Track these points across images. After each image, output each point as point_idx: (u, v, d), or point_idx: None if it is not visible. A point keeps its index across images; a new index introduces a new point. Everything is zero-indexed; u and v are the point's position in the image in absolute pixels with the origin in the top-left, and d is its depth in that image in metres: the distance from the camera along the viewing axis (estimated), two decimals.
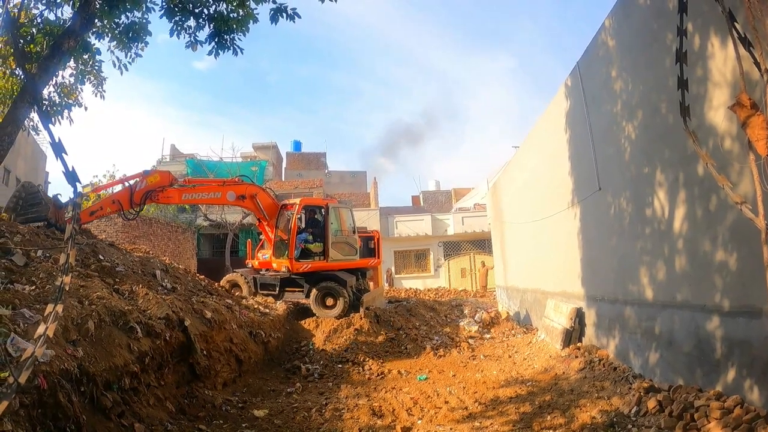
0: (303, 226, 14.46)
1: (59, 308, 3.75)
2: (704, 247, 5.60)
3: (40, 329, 3.59)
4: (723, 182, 3.82)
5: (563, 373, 8.44)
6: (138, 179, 12.50)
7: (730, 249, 5.16)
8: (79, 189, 4.18)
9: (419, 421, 6.96)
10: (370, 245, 17.28)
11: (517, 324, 14.38)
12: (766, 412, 4.42)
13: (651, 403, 5.58)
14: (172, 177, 13.10)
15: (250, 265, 15.89)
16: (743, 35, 3.70)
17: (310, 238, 14.58)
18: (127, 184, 12.56)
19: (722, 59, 5.13)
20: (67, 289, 3.83)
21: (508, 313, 15.83)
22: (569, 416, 6.23)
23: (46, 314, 3.68)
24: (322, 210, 14.98)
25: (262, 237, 15.73)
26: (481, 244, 29.87)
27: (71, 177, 3.99)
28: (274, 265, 14.64)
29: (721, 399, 4.98)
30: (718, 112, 5.25)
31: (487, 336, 13.15)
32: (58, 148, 3.87)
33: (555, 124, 10.88)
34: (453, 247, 31.41)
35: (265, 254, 15.10)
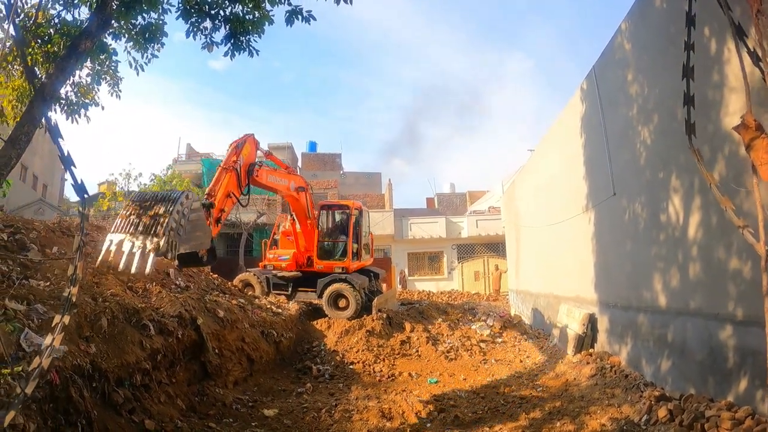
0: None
1: (66, 319, 3.74)
2: (719, 254, 5.52)
3: (47, 340, 3.60)
4: (726, 204, 3.75)
5: (574, 379, 8.38)
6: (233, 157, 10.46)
7: (745, 257, 5.08)
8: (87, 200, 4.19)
9: (429, 424, 6.94)
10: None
11: (530, 328, 14.29)
12: None
13: (662, 412, 5.52)
14: (256, 143, 11.52)
15: (271, 267, 15.22)
16: (753, 50, 3.63)
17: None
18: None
19: (738, 64, 5.06)
20: (74, 300, 3.83)
21: (520, 317, 15.75)
22: (579, 423, 6.19)
23: (53, 324, 3.68)
24: (361, 213, 15.87)
25: (278, 237, 15.73)
26: (495, 247, 29.76)
27: (80, 189, 4.01)
28: (320, 267, 14.84)
29: (732, 409, 4.91)
30: (734, 118, 5.16)
31: (499, 340, 13.07)
32: (67, 162, 3.88)
33: (570, 127, 10.80)
34: (467, 250, 31.32)
35: (284, 255, 15.06)
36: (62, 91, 7.62)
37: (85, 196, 4.09)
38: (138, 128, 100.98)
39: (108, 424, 4.77)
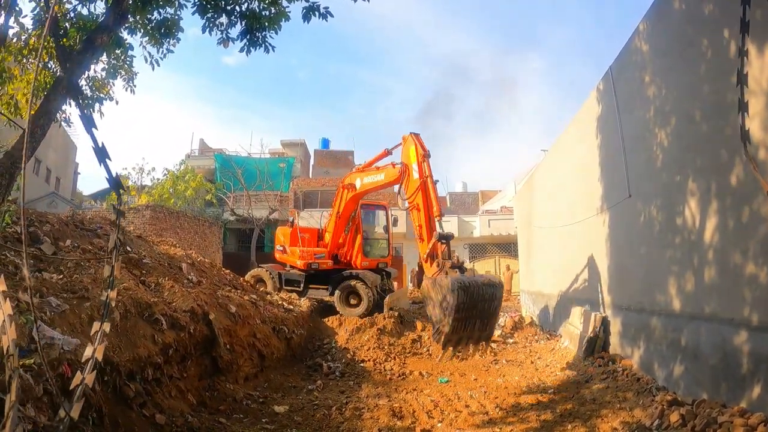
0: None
1: (106, 327, 3.61)
2: (735, 259, 5.46)
3: (88, 351, 3.48)
4: None
5: (586, 381, 8.32)
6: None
7: (762, 263, 5.02)
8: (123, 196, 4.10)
9: (439, 424, 6.95)
10: None
11: (541, 330, 14.21)
12: None
13: (674, 417, 5.47)
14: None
15: (299, 262, 14.97)
16: None
17: None
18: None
19: (759, 66, 5.01)
20: (113, 305, 3.72)
21: (531, 318, 15.67)
22: (590, 426, 6.16)
23: (92, 333, 3.57)
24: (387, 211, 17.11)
25: (307, 235, 15.86)
26: (507, 247, 29.62)
27: (115, 184, 3.90)
28: (365, 264, 15.26)
29: (745, 416, 4.86)
30: (753, 121, 5.11)
31: (510, 341, 13.03)
32: (102, 154, 3.70)
33: (585, 128, 10.73)
34: (479, 250, 31.24)
35: (320, 253, 15.03)
36: None
37: (122, 191, 4.01)
38: (151, 123, 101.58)
39: (119, 418, 4.80)
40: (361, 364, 10.69)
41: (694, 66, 6.23)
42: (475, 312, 8.32)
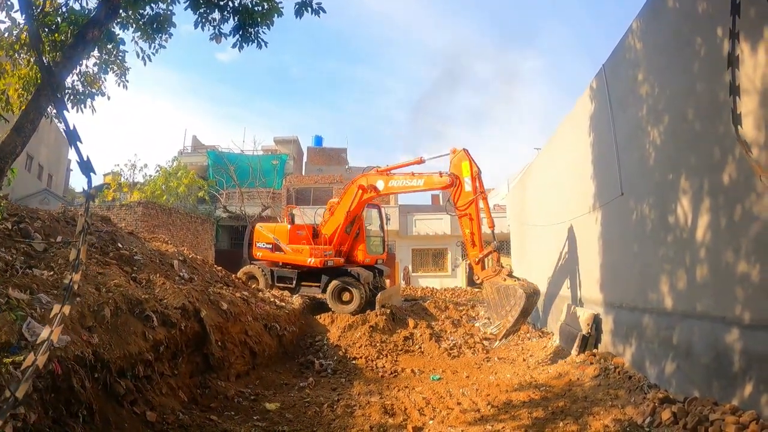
0: None
1: (66, 309, 3.58)
2: (727, 257, 5.48)
3: (44, 333, 3.46)
4: None
5: (578, 379, 8.34)
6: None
7: (754, 261, 5.04)
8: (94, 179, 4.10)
9: (431, 422, 6.93)
10: None
11: (533, 327, 14.25)
12: None
13: (665, 414, 5.48)
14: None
15: (312, 260, 14.63)
16: None
17: None
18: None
19: (752, 65, 5.01)
20: (76, 288, 3.69)
21: None
22: (582, 423, 6.16)
23: (52, 315, 3.53)
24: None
25: (304, 232, 15.55)
26: (500, 245, 29.58)
27: (85, 167, 3.88)
28: (367, 260, 15.82)
29: (736, 413, 4.87)
30: (746, 121, 5.11)
31: (497, 343, 13.03)
32: (73, 136, 3.77)
33: (579, 126, 10.74)
34: None
35: (328, 250, 14.80)
36: (68, 80, 7.63)
37: (92, 174, 4.00)
38: (143, 120, 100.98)
39: (109, 415, 4.76)
40: (353, 362, 10.67)
41: (687, 64, 6.24)
42: (526, 313, 10.53)
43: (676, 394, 6.14)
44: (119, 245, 9.38)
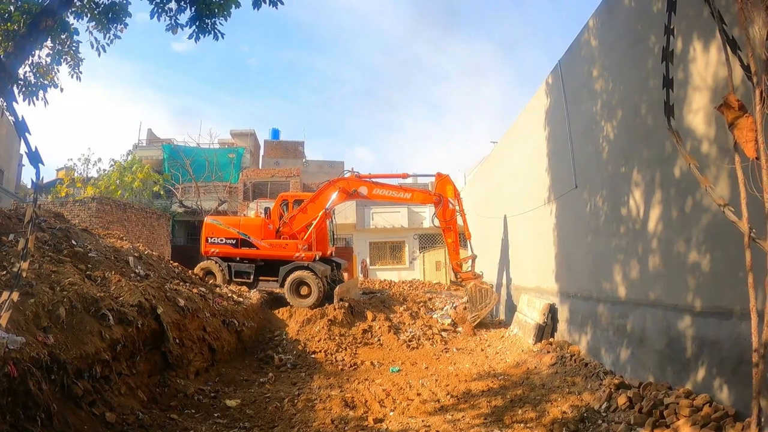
0: None
1: (15, 296, 3.57)
2: (678, 247, 5.68)
3: None
4: (706, 184, 3.84)
5: (535, 367, 8.54)
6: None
7: (704, 250, 5.24)
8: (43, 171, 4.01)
9: (391, 413, 6.98)
10: None
11: (491, 318, 14.49)
12: (734, 410, 4.51)
13: (621, 399, 5.67)
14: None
15: (301, 255, 14.64)
16: (731, 38, 3.71)
17: None
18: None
19: (704, 63, 5.19)
20: (24, 275, 3.64)
21: None
22: (540, 410, 6.30)
23: (0, 302, 3.49)
24: None
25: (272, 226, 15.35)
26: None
27: (34, 158, 3.85)
28: (330, 252, 16.70)
29: (690, 397, 5.08)
30: (697, 116, 5.32)
31: (460, 329, 13.21)
32: (22, 127, 3.72)
33: (535, 121, 10.94)
34: (428, 240, 31.49)
35: (303, 245, 14.74)
36: (20, 71, 7.32)
37: (40, 165, 3.93)
38: (97, 112, 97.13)
39: (68, 418, 4.62)
40: (313, 356, 10.63)
41: (641, 61, 6.42)
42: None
43: (631, 379, 6.35)
44: (73, 242, 9.08)
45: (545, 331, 9.85)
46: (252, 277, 14.61)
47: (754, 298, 3.26)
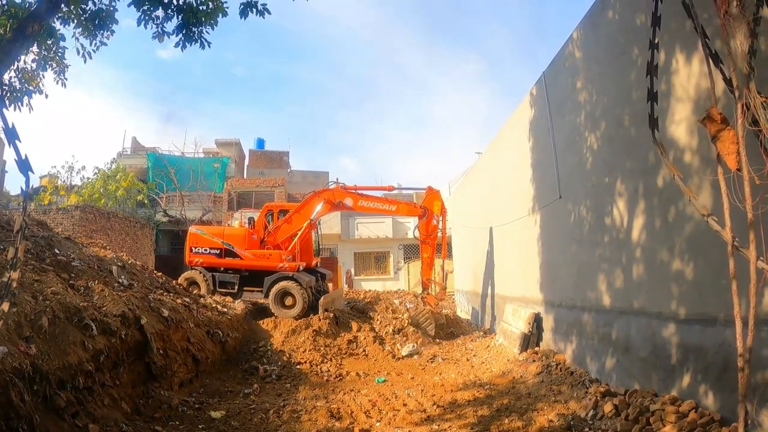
0: None
1: (5, 306, 3.51)
2: (662, 256, 5.76)
3: None
4: (689, 194, 3.90)
5: (521, 376, 8.56)
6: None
7: (687, 259, 5.32)
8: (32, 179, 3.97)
9: (377, 424, 6.93)
10: None
11: (476, 328, 14.53)
12: (720, 416, 4.57)
13: (607, 407, 5.71)
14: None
15: (285, 265, 14.58)
16: (714, 51, 3.80)
17: None
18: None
19: (686, 75, 5.29)
20: (14, 285, 3.60)
21: (467, 317, 15.96)
22: (527, 419, 6.32)
23: None
24: None
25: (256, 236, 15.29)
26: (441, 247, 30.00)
27: (24, 166, 3.78)
28: (315, 262, 16.80)
29: (676, 403, 5.13)
30: (679, 127, 5.41)
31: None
32: (11, 134, 3.65)
33: (519, 131, 11.04)
34: (413, 250, 31.44)
35: (288, 255, 14.66)
36: (5, 77, 7.25)
37: (30, 173, 3.88)
38: (82, 119, 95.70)
39: (51, 429, 4.53)
40: (298, 366, 10.56)
41: (624, 73, 6.52)
42: None
43: (617, 387, 6.41)
44: (56, 251, 8.96)
45: (531, 340, 9.89)
46: (236, 287, 14.49)
47: (738, 305, 3.32)
